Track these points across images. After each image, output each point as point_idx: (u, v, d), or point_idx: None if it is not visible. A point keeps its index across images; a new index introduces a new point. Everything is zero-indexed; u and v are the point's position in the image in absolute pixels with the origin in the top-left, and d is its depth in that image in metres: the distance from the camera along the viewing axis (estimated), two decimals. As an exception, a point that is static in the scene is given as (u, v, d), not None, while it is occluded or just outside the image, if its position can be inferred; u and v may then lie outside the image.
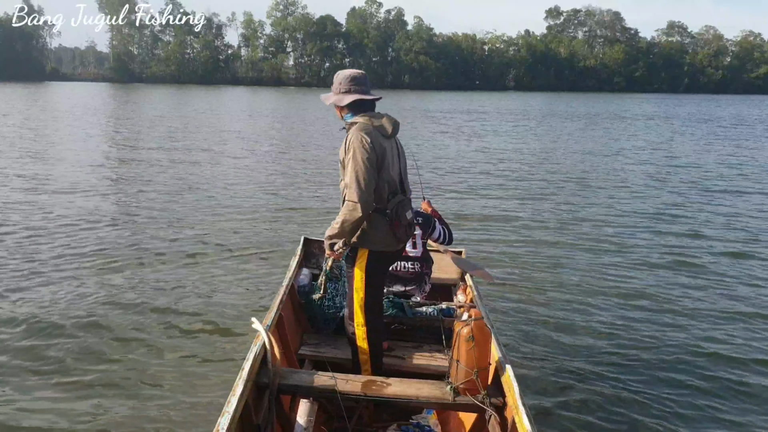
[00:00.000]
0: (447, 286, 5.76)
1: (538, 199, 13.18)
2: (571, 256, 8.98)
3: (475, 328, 3.43)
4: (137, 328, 6.09)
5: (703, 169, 17.89)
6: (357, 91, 3.82)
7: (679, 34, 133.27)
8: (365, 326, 3.90)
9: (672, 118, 42.78)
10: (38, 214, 10.48)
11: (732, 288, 7.80)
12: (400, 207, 3.78)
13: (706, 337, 6.27)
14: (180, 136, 24.34)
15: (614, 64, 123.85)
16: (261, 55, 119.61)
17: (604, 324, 6.53)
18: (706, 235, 10.29)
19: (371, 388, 3.58)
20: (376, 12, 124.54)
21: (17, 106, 40.27)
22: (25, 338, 5.81)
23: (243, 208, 11.46)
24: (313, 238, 5.90)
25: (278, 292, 4.62)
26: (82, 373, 5.22)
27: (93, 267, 7.88)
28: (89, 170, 15.39)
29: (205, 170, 15.85)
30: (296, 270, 5.25)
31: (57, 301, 6.65)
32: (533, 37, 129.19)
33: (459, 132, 28.74)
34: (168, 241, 9.14)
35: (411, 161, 4.30)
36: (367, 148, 3.60)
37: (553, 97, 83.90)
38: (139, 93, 68.76)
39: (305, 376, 3.66)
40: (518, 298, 7.20)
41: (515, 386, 3.31)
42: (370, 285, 3.87)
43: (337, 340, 4.59)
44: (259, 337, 3.58)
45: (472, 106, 53.24)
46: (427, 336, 4.65)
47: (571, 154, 21.02)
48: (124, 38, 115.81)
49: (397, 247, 3.93)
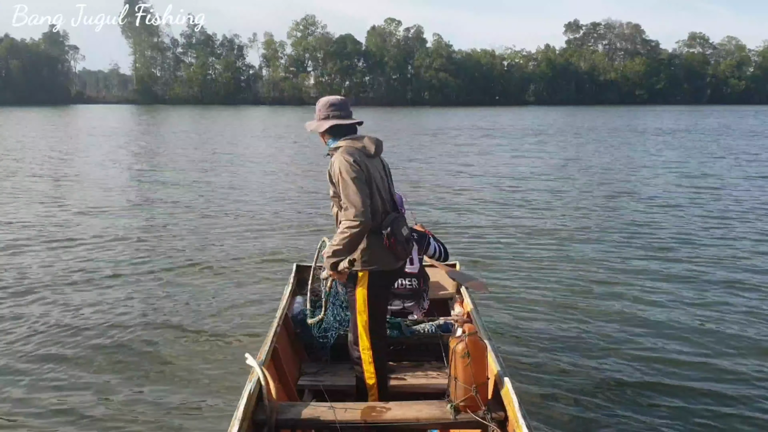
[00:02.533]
0: (444, 301, 5.72)
1: (539, 212, 13.33)
2: (573, 268, 8.94)
3: (470, 343, 3.40)
4: (125, 365, 5.82)
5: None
6: (335, 117, 3.86)
7: (701, 45, 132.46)
8: (371, 350, 3.87)
9: (697, 131, 42.28)
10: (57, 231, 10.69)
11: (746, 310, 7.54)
12: (395, 224, 3.77)
13: (711, 352, 6.16)
14: (205, 156, 24.64)
15: (635, 76, 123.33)
16: (282, 75, 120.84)
17: (604, 335, 6.47)
18: (706, 252, 9.96)
19: (371, 415, 3.55)
20: (395, 30, 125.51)
21: (47, 130, 41.32)
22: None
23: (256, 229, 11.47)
24: (305, 264, 5.77)
25: (272, 323, 4.54)
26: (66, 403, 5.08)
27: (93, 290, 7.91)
28: (110, 191, 15.62)
29: (227, 191, 16.00)
30: (290, 299, 5.18)
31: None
32: (552, 52, 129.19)
33: (470, 150, 28.72)
34: (172, 267, 8.99)
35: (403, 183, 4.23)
36: (354, 167, 3.62)
37: (573, 111, 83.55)
38: (163, 114, 69.81)
39: (303, 408, 3.59)
40: (517, 309, 7.16)
41: (515, 400, 3.29)
42: (373, 307, 3.85)
43: (336, 368, 4.54)
44: (254, 373, 3.51)
45: (486, 123, 53.14)
46: (426, 353, 4.61)
47: (582, 170, 20.89)
48: (147, 61, 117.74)
49: (396, 265, 3.91)
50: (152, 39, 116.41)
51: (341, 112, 3.89)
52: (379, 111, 75.88)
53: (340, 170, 3.63)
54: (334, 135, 3.87)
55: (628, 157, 25.43)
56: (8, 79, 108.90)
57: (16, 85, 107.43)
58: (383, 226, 3.74)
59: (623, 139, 34.78)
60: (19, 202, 14.22)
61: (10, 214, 12.77)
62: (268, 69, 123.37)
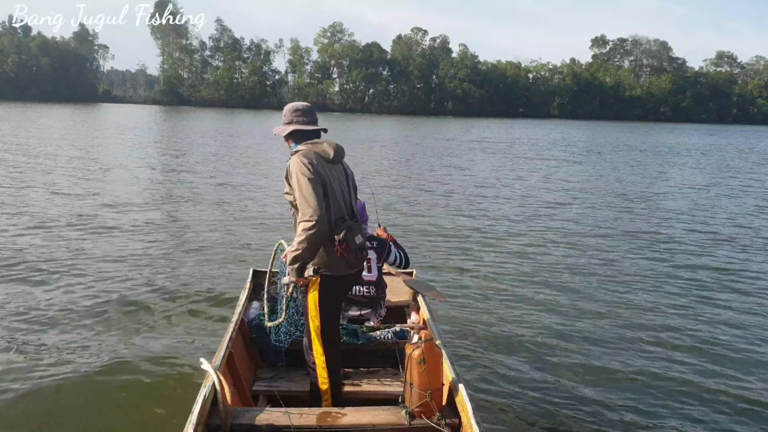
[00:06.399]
0: (400, 308, 5.75)
1: (500, 220, 13.61)
2: (530, 278, 9.09)
3: (426, 350, 3.44)
4: (81, 369, 5.67)
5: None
6: (297, 122, 3.92)
7: (729, 64, 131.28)
8: (324, 355, 3.87)
9: (723, 150, 41.94)
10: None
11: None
12: (349, 232, 3.76)
13: (660, 338, 6.66)
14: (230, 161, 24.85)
15: (661, 93, 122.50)
16: (307, 80, 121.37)
17: (559, 345, 6.62)
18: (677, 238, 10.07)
19: (326, 420, 3.54)
20: (421, 39, 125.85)
21: (74, 126, 41.88)
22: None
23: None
24: (262, 270, 5.70)
25: (228, 328, 4.48)
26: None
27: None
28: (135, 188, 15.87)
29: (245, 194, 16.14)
30: (246, 304, 5.12)
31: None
32: (578, 66, 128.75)
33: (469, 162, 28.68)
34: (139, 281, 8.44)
35: (369, 189, 4.26)
36: (308, 168, 3.66)
37: (597, 126, 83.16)
38: (189, 116, 70.38)
39: (258, 414, 3.56)
40: (472, 317, 7.28)
41: (468, 405, 3.32)
42: (325, 312, 3.84)
43: (291, 373, 4.54)
44: (209, 378, 3.48)
45: (511, 135, 53.01)
46: (381, 360, 4.62)
47: (565, 180, 20.92)
48: (175, 62, 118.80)
49: (349, 271, 3.88)
50: (180, 41, 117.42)
51: (305, 117, 3.93)
52: (403, 120, 76.15)
53: (295, 172, 3.68)
54: (296, 139, 3.92)
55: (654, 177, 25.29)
56: (37, 76, 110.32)
57: (44, 81, 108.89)
58: (336, 232, 3.73)
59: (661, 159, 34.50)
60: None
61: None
62: (293, 74, 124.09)
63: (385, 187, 17.67)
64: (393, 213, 13.65)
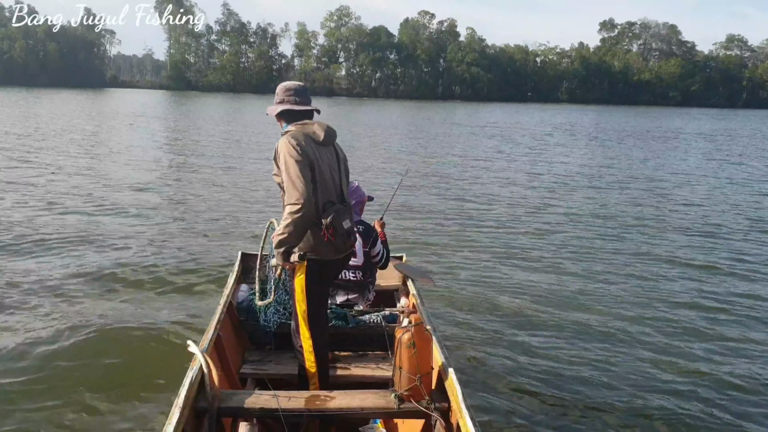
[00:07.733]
0: (389, 292, 5.72)
1: (494, 206, 13.43)
2: (522, 264, 9.00)
3: (416, 334, 3.39)
4: (66, 354, 5.57)
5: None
6: (288, 102, 3.86)
7: (739, 48, 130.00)
8: (311, 339, 3.85)
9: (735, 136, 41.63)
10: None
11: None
12: (337, 215, 3.70)
13: (648, 332, 6.53)
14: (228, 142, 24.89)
15: (670, 77, 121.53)
16: (314, 65, 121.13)
17: (549, 330, 6.59)
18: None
19: (315, 403, 3.51)
20: (428, 23, 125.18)
21: (84, 110, 42.10)
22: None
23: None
24: (251, 252, 5.67)
25: (216, 310, 4.42)
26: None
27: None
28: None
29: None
30: (234, 286, 5.08)
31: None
32: (587, 50, 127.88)
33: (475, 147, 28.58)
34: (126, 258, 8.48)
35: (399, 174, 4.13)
36: (296, 150, 3.59)
37: (606, 110, 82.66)
38: (197, 101, 70.44)
39: (246, 396, 3.52)
40: (462, 301, 7.23)
41: (458, 389, 3.30)
42: (312, 296, 3.81)
43: (279, 356, 4.50)
44: (197, 360, 3.42)
45: (519, 119, 52.76)
46: (371, 344, 4.59)
47: (564, 165, 20.89)
48: (181, 47, 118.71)
49: (336, 256, 3.84)
50: (187, 26, 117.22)
51: (297, 97, 3.86)
52: (409, 105, 75.59)
53: (282, 153, 3.62)
54: (288, 120, 3.86)
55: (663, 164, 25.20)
56: (45, 62, 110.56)
57: (52, 67, 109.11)
58: (324, 216, 3.68)
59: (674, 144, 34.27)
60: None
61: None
62: (300, 59, 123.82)
63: (383, 170, 17.72)
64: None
